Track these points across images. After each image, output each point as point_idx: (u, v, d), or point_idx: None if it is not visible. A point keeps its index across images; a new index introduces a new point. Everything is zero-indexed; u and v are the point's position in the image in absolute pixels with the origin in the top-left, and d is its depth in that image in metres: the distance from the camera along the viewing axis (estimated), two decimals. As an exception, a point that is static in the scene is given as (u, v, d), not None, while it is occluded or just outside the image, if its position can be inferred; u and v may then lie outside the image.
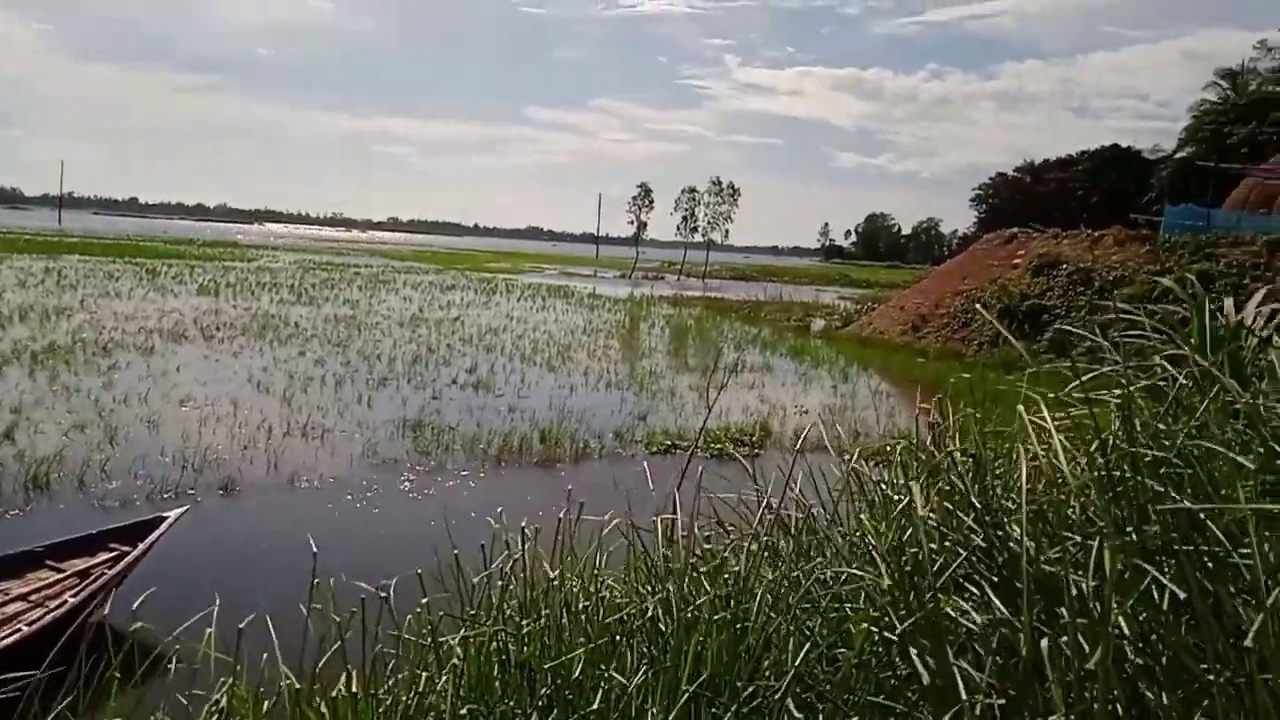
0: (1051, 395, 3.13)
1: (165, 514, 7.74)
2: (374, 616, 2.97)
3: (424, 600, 2.81)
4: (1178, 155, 70.11)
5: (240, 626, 2.65)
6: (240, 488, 10.58)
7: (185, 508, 8.11)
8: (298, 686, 2.62)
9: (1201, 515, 2.27)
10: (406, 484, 11.23)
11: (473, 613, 2.74)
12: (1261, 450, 2.54)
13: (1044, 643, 1.90)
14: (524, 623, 2.59)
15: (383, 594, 2.68)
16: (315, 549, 3.10)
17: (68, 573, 6.82)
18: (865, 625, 2.15)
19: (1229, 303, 3.24)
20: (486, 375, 19.03)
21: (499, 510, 3.59)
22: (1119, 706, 1.88)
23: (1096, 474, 2.47)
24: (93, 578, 6.75)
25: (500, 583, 2.83)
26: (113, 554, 7.14)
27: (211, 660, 2.66)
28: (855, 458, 3.35)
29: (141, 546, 7.19)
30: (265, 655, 2.78)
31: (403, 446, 12.88)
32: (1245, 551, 2.34)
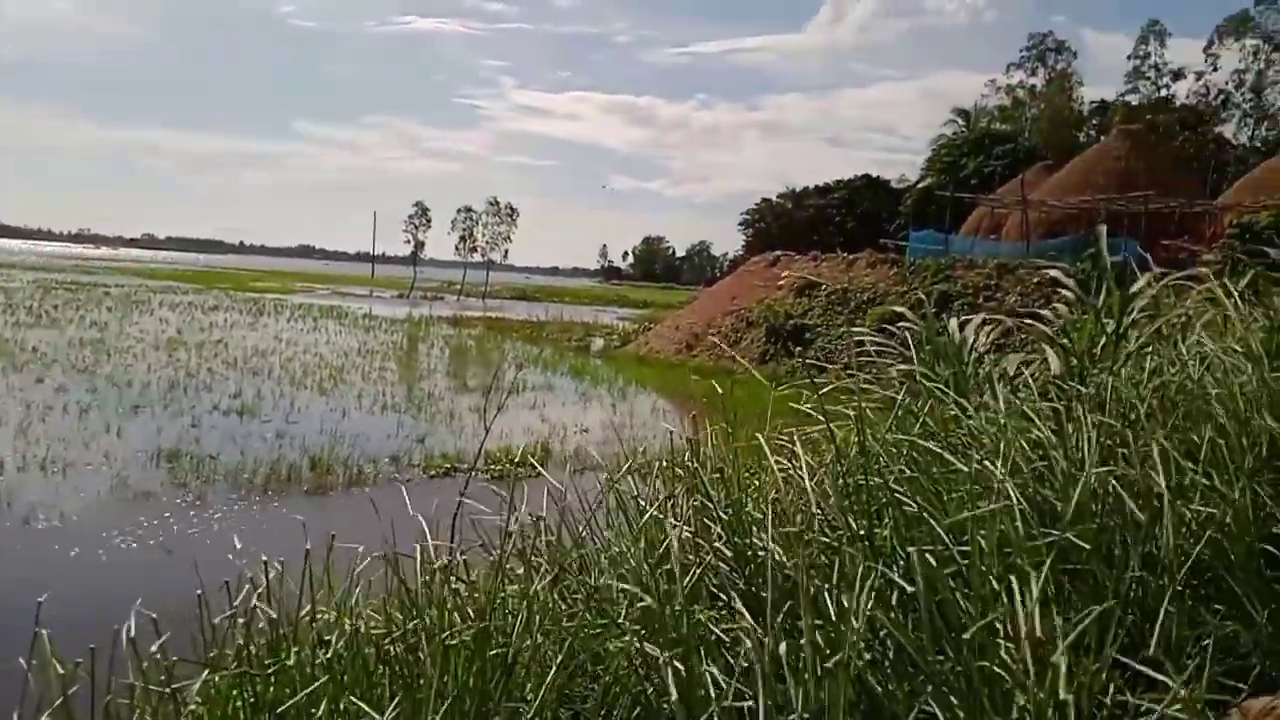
0: (805, 408, 3.32)
1: None
2: (111, 665, 2.74)
3: (156, 645, 2.62)
4: (920, 185, 76.12)
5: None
6: (-38, 531, 9.53)
7: None
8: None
9: (926, 516, 2.47)
10: (160, 519, 10.46)
11: (214, 654, 2.58)
12: (979, 456, 2.79)
13: (782, 645, 2.00)
14: (270, 662, 2.47)
15: (92, 646, 2.47)
16: (41, 596, 2.84)
17: None
18: (617, 641, 2.19)
19: (953, 323, 3.55)
20: (252, 400, 18.06)
21: (257, 544, 3.42)
22: (851, 701, 2.01)
23: (836, 481, 2.64)
24: None
25: (248, 621, 2.69)
26: None
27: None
28: (623, 474, 3.42)
29: None
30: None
31: (157, 479, 12.02)
32: (964, 549, 2.56)
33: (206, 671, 2.49)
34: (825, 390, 2.98)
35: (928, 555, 2.20)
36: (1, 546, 9.33)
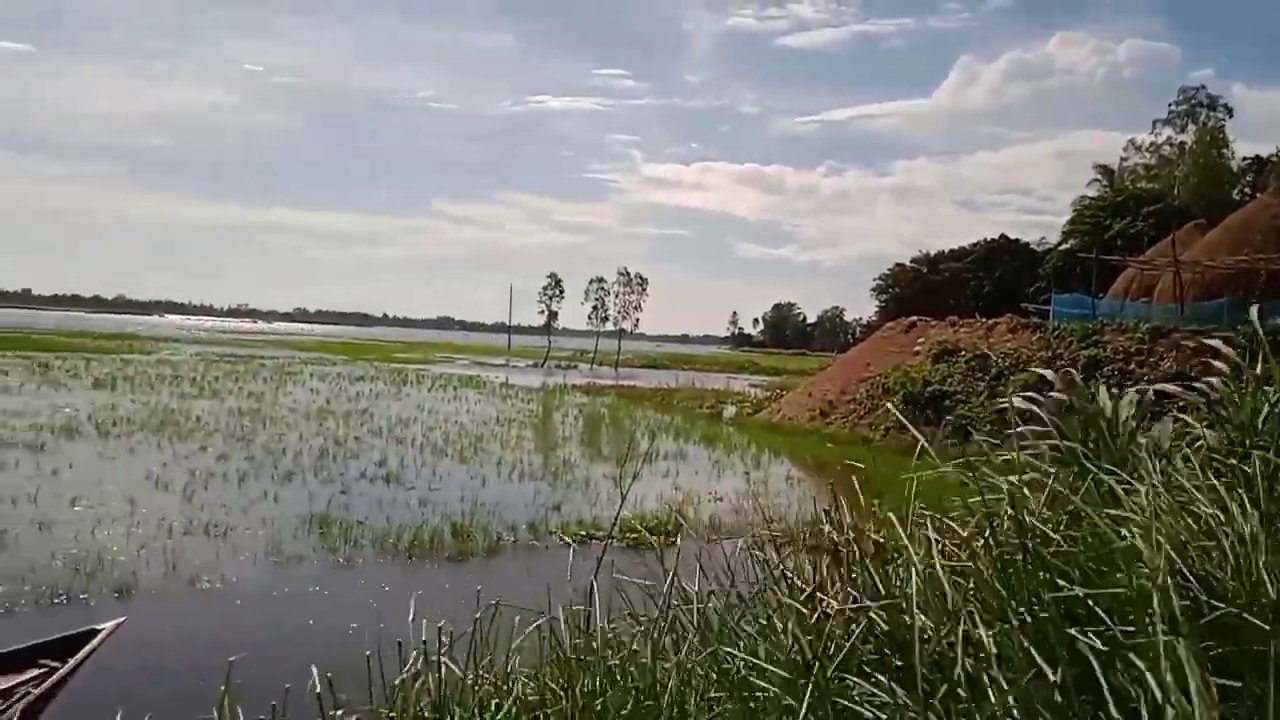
0: (950, 479, 3.28)
1: (98, 626, 7.24)
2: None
3: (338, 709, 2.77)
4: (1061, 247, 73.72)
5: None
6: (136, 590, 10.15)
7: (121, 619, 7.56)
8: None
9: (1086, 596, 2.41)
10: (313, 582, 10.92)
11: (390, 715, 2.71)
12: (1139, 533, 2.71)
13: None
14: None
15: (273, 703, 2.64)
16: (226, 655, 3.05)
17: None
18: (770, 713, 2.21)
19: (1104, 396, 3.46)
20: (397, 468, 18.73)
21: (411, 607, 3.57)
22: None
23: (990, 557, 2.60)
24: (16, 698, 6.24)
25: (414, 683, 2.81)
26: (41, 671, 6.59)
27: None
28: (765, 544, 3.44)
29: (71, 663, 6.65)
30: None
31: (309, 543, 12.56)
32: (1128, 629, 2.48)
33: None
34: (973, 463, 2.94)
35: (1090, 635, 2.15)
36: (171, 606, 9.90)
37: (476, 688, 2.72)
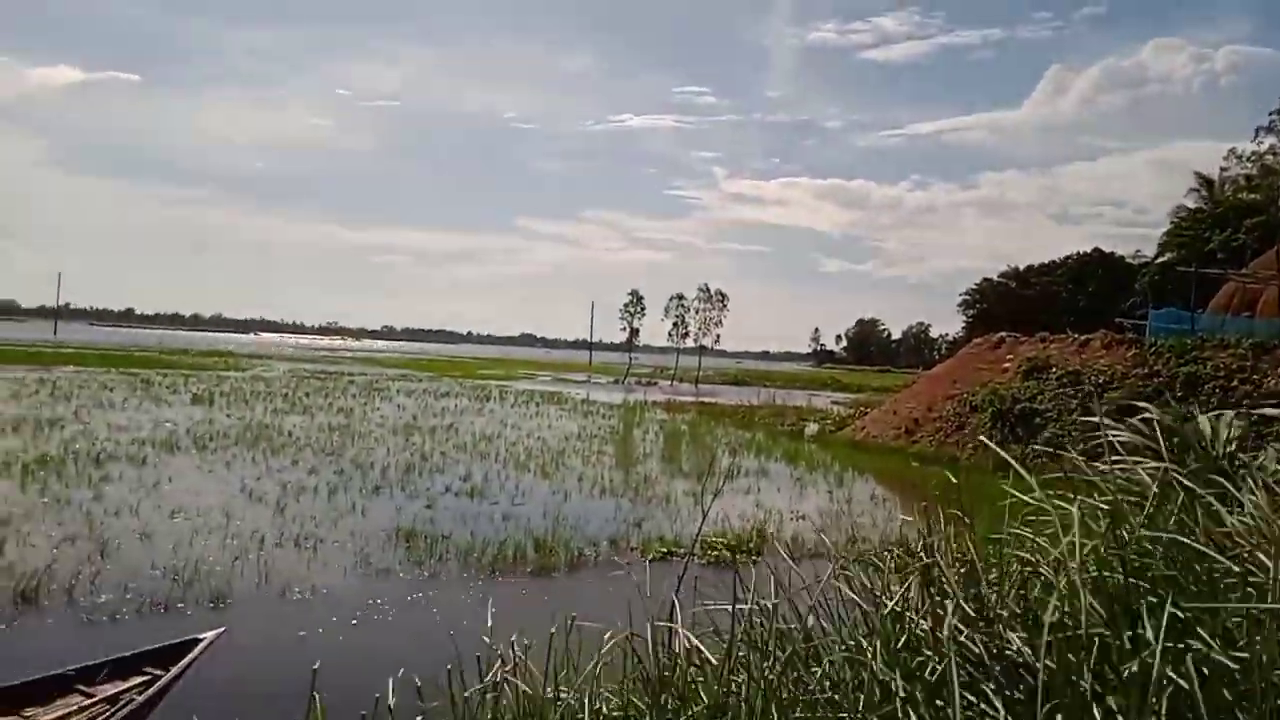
0: (1043, 499, 3.18)
1: (201, 635, 7.46)
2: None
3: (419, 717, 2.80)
4: (1158, 260, 71.30)
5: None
6: (231, 600, 10.43)
7: (221, 629, 7.79)
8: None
9: (1190, 617, 2.31)
10: (400, 595, 11.09)
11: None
12: (1246, 555, 2.59)
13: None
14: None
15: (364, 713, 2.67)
16: (315, 665, 3.10)
17: (97, 698, 6.48)
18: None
19: (1204, 420, 3.33)
20: (480, 483, 18.96)
21: (495, 621, 3.60)
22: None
23: (1089, 578, 2.51)
24: (122, 704, 6.45)
25: (497, 697, 2.82)
26: (145, 678, 6.83)
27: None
28: (851, 564, 3.39)
29: (174, 671, 6.88)
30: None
31: (396, 556, 12.77)
32: (1241, 655, 2.37)
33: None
34: (1068, 481, 2.85)
35: (1196, 657, 2.06)
36: (264, 615, 10.15)
37: (558, 702, 2.72)
